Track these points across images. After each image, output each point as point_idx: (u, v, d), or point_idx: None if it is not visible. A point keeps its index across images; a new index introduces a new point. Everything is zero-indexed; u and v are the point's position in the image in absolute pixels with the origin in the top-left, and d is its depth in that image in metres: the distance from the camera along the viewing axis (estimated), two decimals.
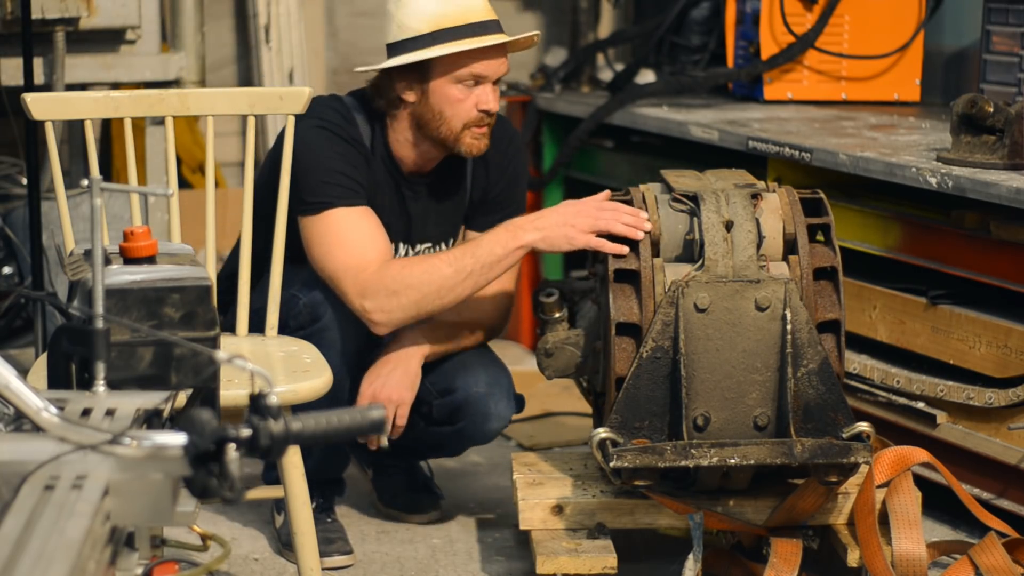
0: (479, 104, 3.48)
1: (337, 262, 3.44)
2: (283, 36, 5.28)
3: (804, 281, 3.28)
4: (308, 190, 3.46)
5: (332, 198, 3.46)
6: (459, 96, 3.47)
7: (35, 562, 1.68)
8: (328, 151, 3.49)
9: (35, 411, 2.01)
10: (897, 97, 4.71)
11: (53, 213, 4.16)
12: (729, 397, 3.23)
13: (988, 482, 3.64)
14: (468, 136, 3.51)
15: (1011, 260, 3.54)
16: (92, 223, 2.20)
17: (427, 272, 3.40)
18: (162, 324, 2.32)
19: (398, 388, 3.51)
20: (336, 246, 3.45)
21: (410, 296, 3.40)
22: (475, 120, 3.49)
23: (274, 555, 3.64)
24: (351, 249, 3.44)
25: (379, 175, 3.58)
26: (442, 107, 3.48)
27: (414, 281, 3.39)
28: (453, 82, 3.47)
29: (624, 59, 5.38)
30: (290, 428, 1.93)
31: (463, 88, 3.47)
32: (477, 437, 3.67)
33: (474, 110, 3.48)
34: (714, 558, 3.41)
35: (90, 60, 4.42)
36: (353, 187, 3.48)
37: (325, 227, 3.46)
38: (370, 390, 3.51)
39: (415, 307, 3.42)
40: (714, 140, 4.24)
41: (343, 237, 3.45)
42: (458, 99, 3.47)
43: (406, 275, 3.40)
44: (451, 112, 3.48)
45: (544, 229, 3.37)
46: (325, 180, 3.47)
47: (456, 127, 3.49)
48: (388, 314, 3.42)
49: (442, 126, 3.50)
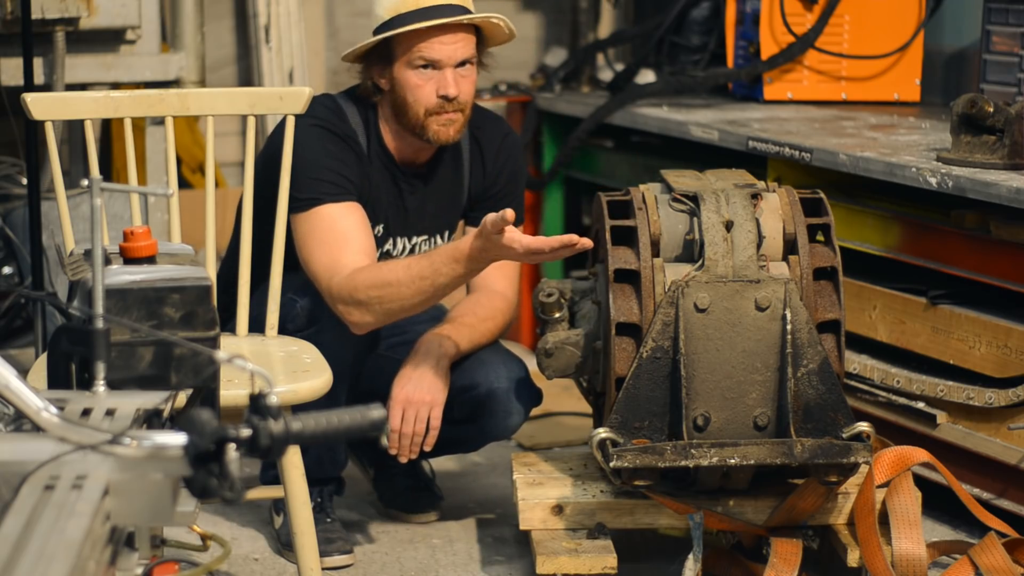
0: (439, 90, 3.51)
1: (317, 264, 3.47)
2: (283, 36, 5.28)
3: (804, 281, 3.28)
4: (298, 187, 3.48)
5: (320, 194, 3.49)
6: (417, 82, 3.51)
7: (35, 562, 1.68)
8: (319, 148, 3.52)
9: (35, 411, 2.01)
10: (897, 97, 4.71)
11: (53, 213, 4.17)
12: (729, 397, 3.23)
13: (988, 482, 3.64)
14: (433, 123, 3.53)
15: (1011, 260, 3.54)
16: (92, 223, 2.20)
17: (401, 284, 3.38)
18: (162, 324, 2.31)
19: (431, 390, 3.50)
20: (316, 247, 3.47)
21: (382, 309, 3.40)
22: (435, 106, 3.51)
23: (274, 555, 3.64)
24: (329, 251, 3.46)
25: (375, 169, 3.60)
26: (404, 93, 3.53)
27: (377, 295, 3.40)
28: (409, 67, 3.51)
29: (624, 59, 5.38)
30: (290, 428, 1.93)
31: (420, 73, 3.51)
32: (498, 432, 3.67)
33: (434, 96, 3.51)
34: (714, 558, 3.41)
35: (90, 60, 4.42)
36: (342, 183, 3.51)
37: (310, 226, 3.48)
38: (403, 393, 3.50)
39: (384, 316, 3.43)
40: (714, 140, 4.24)
41: (324, 237, 3.47)
42: (417, 84, 3.51)
43: (382, 285, 3.39)
44: (412, 98, 3.52)
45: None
46: (315, 177, 3.50)
47: (419, 113, 3.53)
48: (359, 320, 3.43)
49: (408, 112, 3.54)
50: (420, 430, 3.50)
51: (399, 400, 3.50)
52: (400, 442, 3.51)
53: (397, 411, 3.49)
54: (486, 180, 3.73)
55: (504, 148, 3.74)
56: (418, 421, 3.49)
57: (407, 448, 3.52)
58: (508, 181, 3.75)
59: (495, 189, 3.74)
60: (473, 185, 3.73)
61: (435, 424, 3.51)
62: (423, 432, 3.50)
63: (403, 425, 3.49)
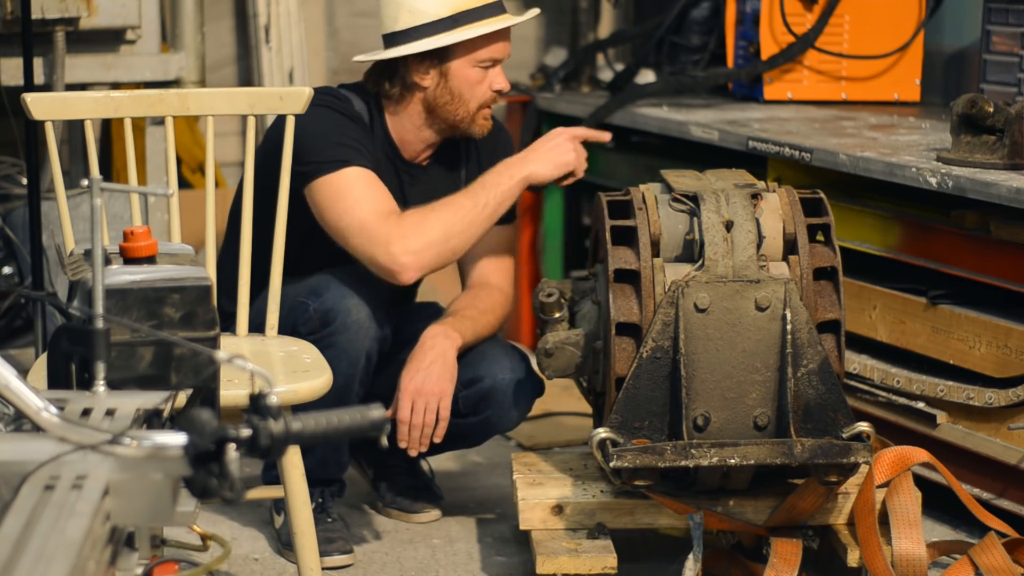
0: (493, 85, 3.63)
1: (364, 212, 3.47)
2: (283, 36, 5.28)
3: (804, 281, 3.28)
4: (321, 153, 3.50)
5: (349, 157, 3.52)
6: (477, 78, 3.60)
7: (35, 562, 1.68)
8: (338, 121, 3.57)
9: (35, 411, 2.02)
10: (897, 97, 4.71)
11: (53, 213, 4.17)
12: (729, 397, 3.23)
13: (988, 482, 3.64)
14: (480, 117, 3.65)
15: (1011, 260, 3.54)
16: (92, 223, 2.20)
17: (449, 206, 3.51)
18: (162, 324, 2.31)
19: (439, 381, 3.51)
20: (361, 199, 3.49)
21: (438, 231, 3.47)
22: (490, 100, 3.65)
23: (274, 555, 3.64)
24: (375, 200, 3.49)
25: (380, 157, 3.62)
26: (461, 89, 3.60)
27: (441, 215, 3.49)
28: (472, 64, 3.59)
29: (624, 59, 5.38)
30: (290, 428, 1.93)
31: (480, 70, 3.60)
32: (504, 425, 3.68)
33: (489, 91, 3.63)
34: (714, 558, 3.41)
35: (90, 60, 4.42)
36: (365, 153, 3.56)
37: (344, 184, 3.50)
38: (411, 385, 3.50)
39: (443, 242, 3.48)
40: (714, 140, 4.24)
41: (364, 192, 3.49)
42: (477, 80, 3.61)
43: (430, 214, 3.49)
44: (470, 94, 3.61)
45: (536, 161, 3.60)
46: (340, 142, 3.53)
47: (473, 108, 3.62)
48: (416, 255, 3.46)
49: (460, 108, 3.61)
50: (430, 421, 3.50)
51: (408, 392, 3.50)
52: (410, 434, 3.50)
53: (407, 403, 3.49)
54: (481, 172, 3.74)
55: (498, 145, 3.80)
56: (428, 412, 3.49)
57: (417, 440, 3.51)
58: None
59: None
60: (469, 180, 3.75)
61: (444, 415, 3.51)
62: (433, 423, 3.50)
63: (413, 416, 3.49)
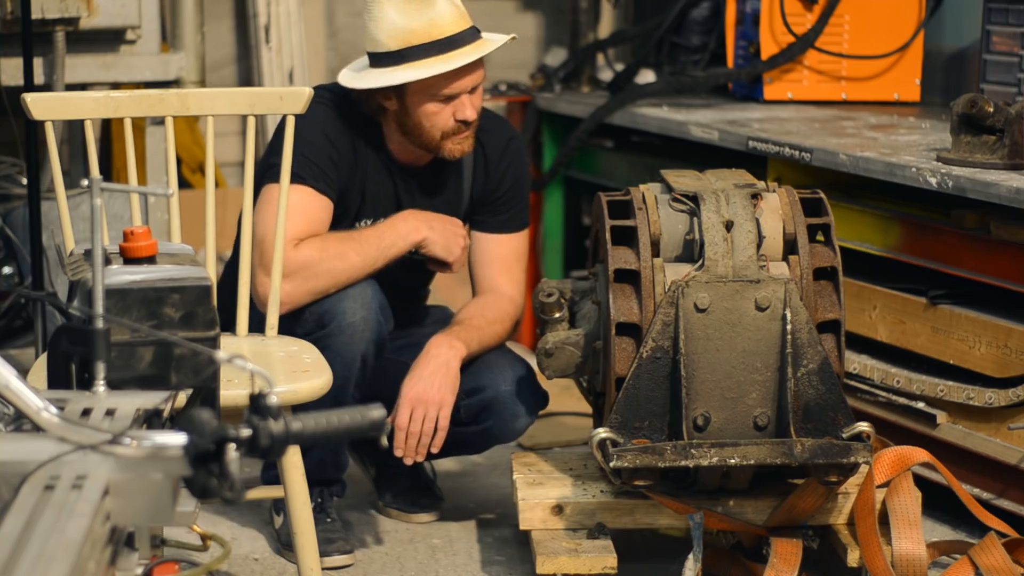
0: (456, 115, 3.53)
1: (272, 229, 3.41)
2: (283, 36, 5.28)
3: (804, 281, 3.28)
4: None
5: (305, 175, 3.50)
6: (435, 110, 3.52)
7: (35, 562, 1.68)
8: (318, 130, 3.53)
9: (35, 411, 2.01)
10: (897, 97, 4.71)
11: (53, 213, 4.16)
12: (729, 397, 3.23)
13: (988, 482, 3.64)
14: (449, 143, 3.56)
15: (1011, 260, 3.54)
16: (92, 223, 2.20)
17: (342, 259, 3.48)
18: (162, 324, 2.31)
19: (440, 390, 3.49)
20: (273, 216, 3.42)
21: (322, 281, 3.47)
22: (453, 129, 3.54)
23: (274, 555, 3.64)
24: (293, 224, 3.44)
25: (371, 162, 3.61)
26: (420, 119, 3.53)
27: (331, 266, 3.47)
28: (428, 99, 3.51)
29: (624, 59, 5.38)
30: (290, 428, 1.93)
31: (438, 103, 3.51)
32: (505, 435, 3.67)
33: (451, 120, 3.53)
34: (714, 558, 3.41)
35: (90, 60, 4.42)
36: (325, 175, 3.52)
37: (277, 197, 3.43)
38: (413, 392, 3.48)
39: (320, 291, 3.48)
40: (714, 140, 4.24)
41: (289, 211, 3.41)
42: (434, 112, 3.52)
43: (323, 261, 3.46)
44: (429, 124, 3.53)
45: (434, 233, 3.57)
46: (305, 155, 3.50)
47: (436, 136, 3.55)
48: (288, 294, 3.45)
49: (423, 134, 3.55)
50: (428, 430, 3.48)
51: (408, 399, 3.48)
52: (407, 442, 3.49)
53: (406, 410, 3.47)
54: (488, 184, 3.73)
55: (508, 152, 3.74)
56: (427, 421, 3.47)
57: (413, 449, 3.49)
58: (512, 185, 3.74)
59: (499, 193, 3.74)
60: (475, 188, 3.73)
61: (443, 424, 3.49)
62: (431, 433, 3.48)
63: (411, 424, 3.47)
